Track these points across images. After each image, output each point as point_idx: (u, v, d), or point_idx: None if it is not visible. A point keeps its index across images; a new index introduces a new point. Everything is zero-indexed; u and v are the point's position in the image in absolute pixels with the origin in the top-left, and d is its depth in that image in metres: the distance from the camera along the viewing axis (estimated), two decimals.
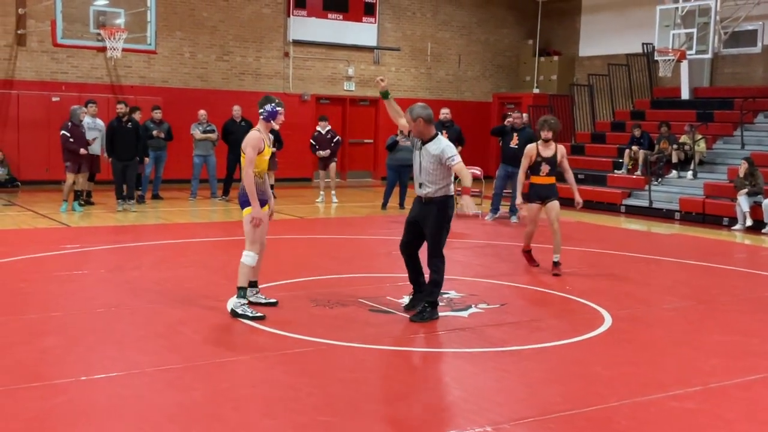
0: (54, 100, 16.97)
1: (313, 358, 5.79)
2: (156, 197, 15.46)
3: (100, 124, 14.41)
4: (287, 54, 20.02)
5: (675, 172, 16.55)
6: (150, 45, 15.45)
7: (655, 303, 8.10)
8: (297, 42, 20.01)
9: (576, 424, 4.70)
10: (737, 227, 13.98)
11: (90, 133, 13.90)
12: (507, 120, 14.07)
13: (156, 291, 7.73)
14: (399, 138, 14.36)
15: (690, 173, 16.32)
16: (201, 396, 4.97)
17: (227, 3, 19.15)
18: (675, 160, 16.49)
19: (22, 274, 8.41)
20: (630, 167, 17.11)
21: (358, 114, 21.36)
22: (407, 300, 7.30)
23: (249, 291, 6.95)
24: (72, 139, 13.25)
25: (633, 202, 16.32)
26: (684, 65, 18.41)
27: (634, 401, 5.06)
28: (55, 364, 5.52)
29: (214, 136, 15.75)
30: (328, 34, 20.33)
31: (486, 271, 9.31)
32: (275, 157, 14.16)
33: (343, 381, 5.31)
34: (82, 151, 13.26)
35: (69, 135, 13.26)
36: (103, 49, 14.98)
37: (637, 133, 17.10)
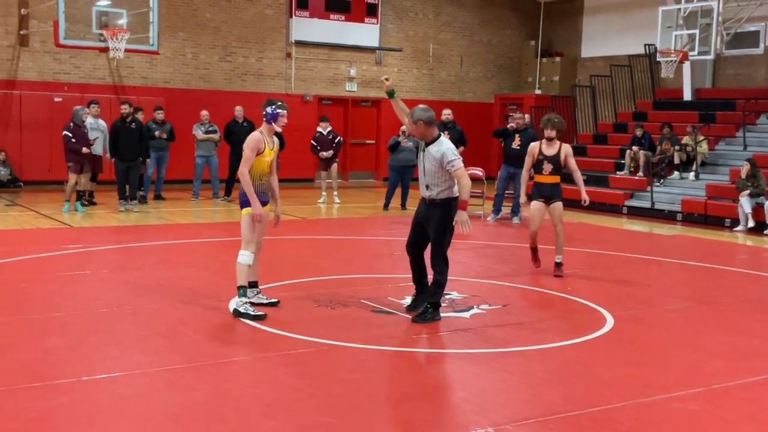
0: (56, 100, 16.98)
1: (315, 358, 5.78)
2: (158, 198, 15.47)
3: (102, 124, 14.42)
4: (289, 55, 20.02)
5: (677, 173, 16.53)
6: (152, 45, 15.48)
7: (657, 304, 8.10)
8: (299, 43, 20.02)
9: (579, 425, 4.69)
10: (739, 228, 13.96)
11: (92, 134, 13.92)
12: (509, 124, 14.05)
13: (158, 291, 7.73)
14: (401, 139, 14.38)
15: (692, 174, 16.30)
16: (202, 396, 4.96)
17: (230, 4, 19.16)
18: (677, 161, 16.47)
19: (24, 274, 8.41)
20: (632, 168, 17.10)
21: (360, 115, 21.36)
22: (409, 301, 7.30)
23: (250, 291, 6.95)
24: (74, 140, 13.27)
25: (635, 203, 16.30)
26: (686, 66, 18.38)
27: (636, 402, 5.06)
28: (57, 364, 5.52)
29: (216, 136, 15.76)
30: (330, 34, 20.33)
31: (488, 272, 9.30)
32: (277, 159, 14.13)
33: (345, 381, 5.31)
34: (84, 150, 13.27)
35: (71, 135, 13.28)
36: (106, 50, 15.00)
37: (639, 133, 17.09)
